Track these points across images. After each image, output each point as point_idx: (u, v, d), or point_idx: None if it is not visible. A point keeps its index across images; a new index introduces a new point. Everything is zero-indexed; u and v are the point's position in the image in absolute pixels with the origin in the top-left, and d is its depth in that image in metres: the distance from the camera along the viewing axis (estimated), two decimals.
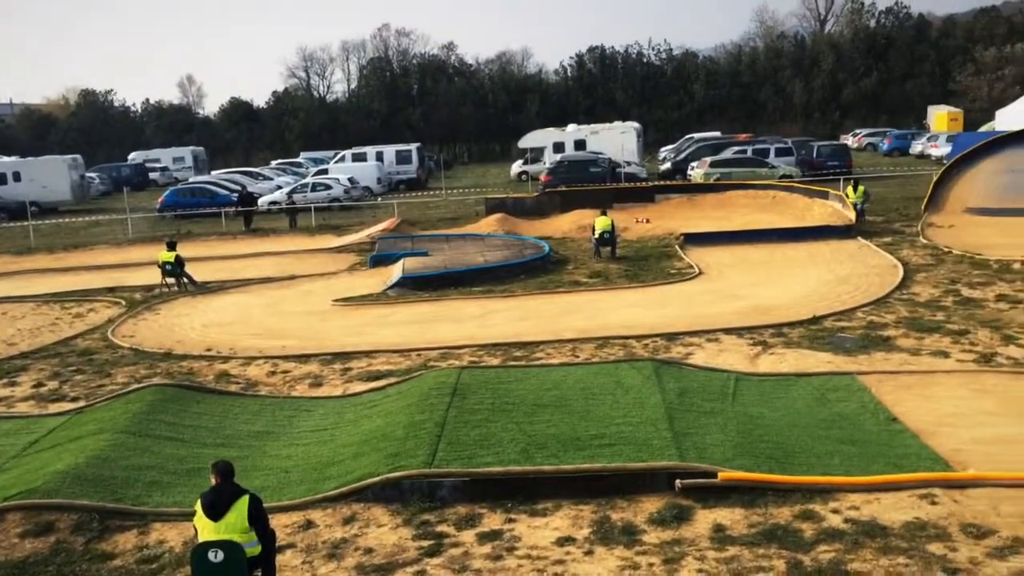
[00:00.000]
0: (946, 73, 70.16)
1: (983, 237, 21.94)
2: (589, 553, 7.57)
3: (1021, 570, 6.72)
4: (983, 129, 44.43)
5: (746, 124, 71.44)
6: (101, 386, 13.51)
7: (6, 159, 50.74)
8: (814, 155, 40.69)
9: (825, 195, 27.35)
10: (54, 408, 12.52)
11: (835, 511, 7.96)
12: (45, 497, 8.72)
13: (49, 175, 46.34)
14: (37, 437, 10.92)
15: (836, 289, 17.54)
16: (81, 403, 12.56)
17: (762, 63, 75.80)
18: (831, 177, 33.91)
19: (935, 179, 27.41)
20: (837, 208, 25.72)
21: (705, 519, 8.02)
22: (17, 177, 46.37)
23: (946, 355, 12.69)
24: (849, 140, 58.47)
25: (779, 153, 39.95)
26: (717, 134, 56.50)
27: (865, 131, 62.13)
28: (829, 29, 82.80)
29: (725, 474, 8.51)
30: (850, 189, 26.35)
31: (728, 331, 14.60)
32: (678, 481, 8.50)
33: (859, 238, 22.74)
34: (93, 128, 78.61)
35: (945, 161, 30.39)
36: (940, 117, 58.29)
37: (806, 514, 7.93)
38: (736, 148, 41.68)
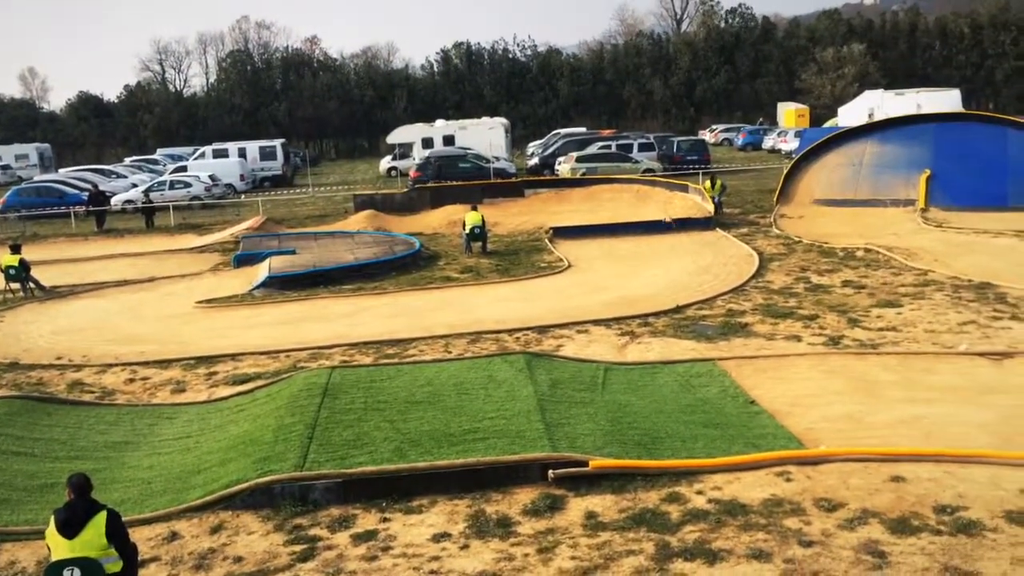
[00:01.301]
0: (791, 72, 74.19)
1: (829, 227, 23.38)
2: (465, 548, 7.61)
3: (869, 539, 7.20)
4: (827, 125, 47.35)
5: (610, 120, 73.43)
6: None
7: None
8: (674, 150, 42.19)
9: (685, 188, 28.43)
10: None
11: (699, 492, 8.30)
12: None
13: None
14: None
15: (698, 279, 18.28)
16: None
17: (623, 61, 77.97)
18: (691, 171, 35.27)
19: (785, 172, 28.98)
20: (697, 201, 26.78)
21: (577, 507, 8.20)
22: None
23: (798, 339, 13.45)
24: (707, 135, 60.98)
25: (642, 148, 41.24)
26: (583, 130, 57.73)
27: (721, 127, 64.91)
28: (685, 28, 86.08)
29: (596, 462, 8.73)
30: (707, 184, 27.46)
31: (597, 322, 14.96)
32: (551, 471, 8.65)
33: (718, 229, 23.77)
34: None
35: (794, 155, 32.15)
36: (789, 113, 61.66)
37: (672, 497, 8.23)
38: (601, 143, 42.71)
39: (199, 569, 7.50)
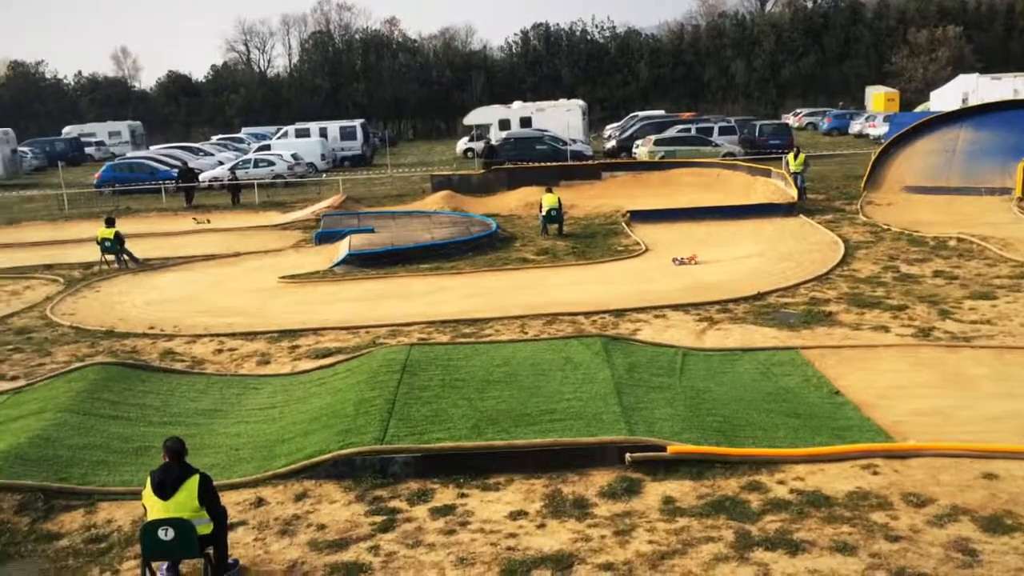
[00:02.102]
0: (881, 54, 71.70)
1: (920, 215, 22.60)
2: (541, 526, 7.66)
3: (959, 536, 6.99)
4: (919, 109, 45.72)
5: (689, 103, 72.27)
6: (41, 364, 13.16)
7: None
8: (756, 134, 41.31)
9: (768, 173, 27.83)
10: None
11: (781, 482, 8.17)
12: None
13: None
14: None
15: (779, 265, 17.92)
16: (21, 382, 12.21)
17: (704, 42, 76.52)
18: (773, 155, 34.50)
19: (873, 158, 28.10)
20: (779, 186, 26.19)
21: (655, 492, 8.16)
22: None
23: (886, 330, 13.07)
24: (790, 119, 59.48)
25: (722, 132, 40.48)
26: (661, 112, 56.96)
27: (805, 111, 63.25)
28: (769, 9, 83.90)
29: (674, 447, 8.67)
30: (791, 156, 26.97)
31: (675, 307, 14.81)
32: (628, 455, 8.63)
33: (801, 216, 23.22)
34: (23, 101, 76.00)
35: (883, 140, 31.13)
36: (877, 97, 59.67)
37: (753, 485, 8.13)
38: (680, 126, 42.08)
39: (284, 535, 7.73)
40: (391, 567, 7.10)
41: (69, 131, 63.18)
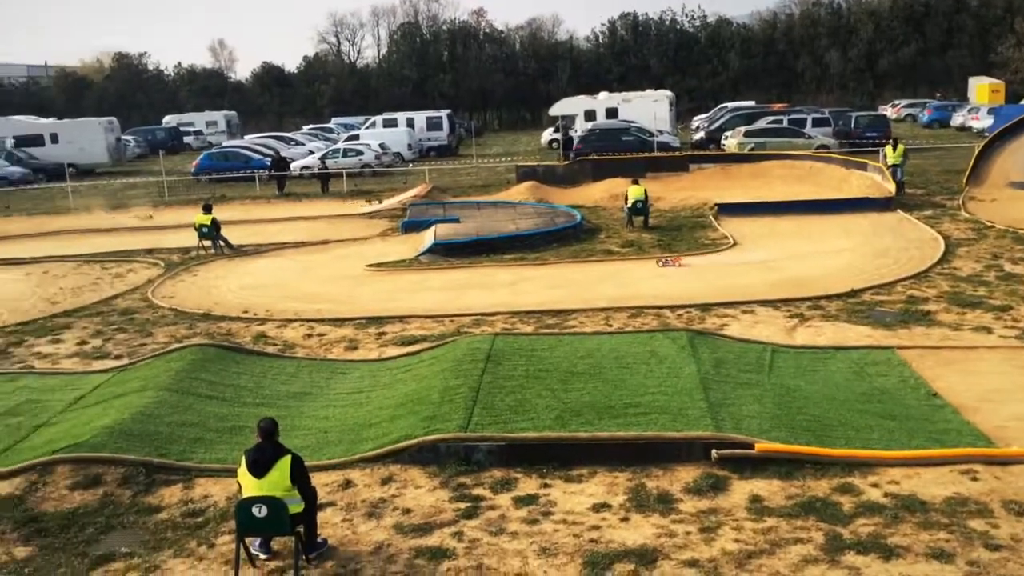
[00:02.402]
0: (986, 44, 68.48)
1: None
2: (625, 520, 7.62)
3: None
4: None
5: (781, 93, 70.45)
6: (143, 345, 13.75)
7: (44, 121, 51.27)
8: (852, 125, 40.04)
9: (864, 166, 26.95)
10: (98, 365, 12.77)
11: (874, 485, 7.94)
12: (92, 451, 8.92)
13: (86, 137, 46.81)
14: (82, 393, 11.14)
15: (875, 262, 17.35)
16: (124, 361, 12.79)
17: (798, 31, 74.42)
18: (869, 148, 33.39)
19: (977, 152, 26.91)
20: (876, 180, 25.34)
21: (742, 490, 8.03)
22: (55, 139, 46.92)
23: (988, 331, 12.53)
24: (888, 110, 57.46)
25: (816, 123, 39.36)
26: (752, 103, 55.75)
27: (904, 102, 61.00)
28: None
29: (762, 445, 8.51)
30: (889, 148, 26.12)
31: (764, 303, 14.51)
32: (714, 451, 8.51)
33: (899, 211, 22.42)
34: (127, 91, 79.14)
35: (987, 134, 29.76)
36: (981, 88, 57.05)
37: (845, 487, 7.91)
38: (771, 118, 41.11)
39: (371, 517, 7.89)
40: (475, 553, 7.18)
41: (169, 120, 65.54)
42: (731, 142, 37.64)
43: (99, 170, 45.49)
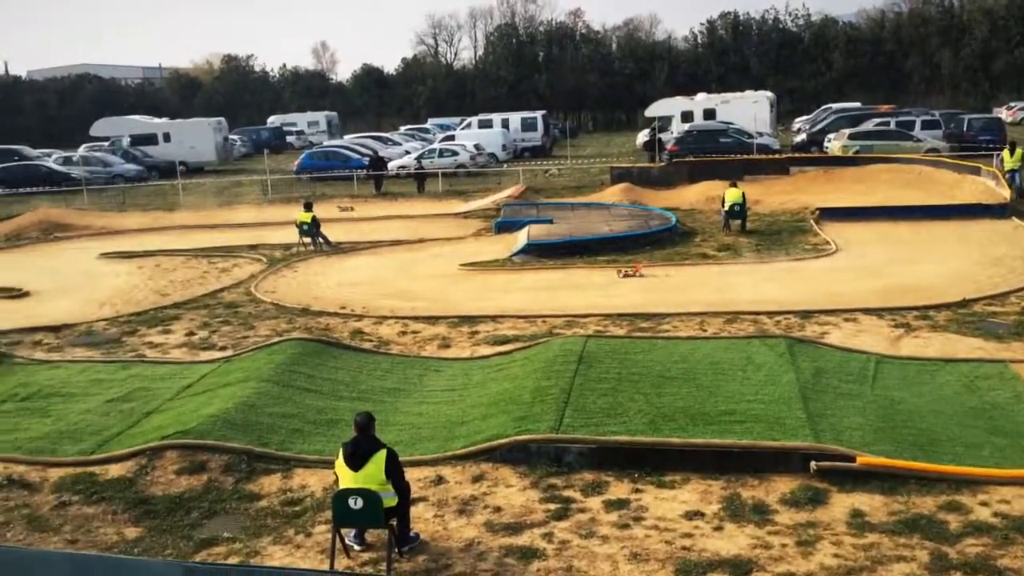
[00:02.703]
0: None
1: None
2: (719, 529, 7.49)
3: None
4: None
5: (888, 95, 67.88)
6: (246, 337, 14.24)
7: (158, 121, 53.65)
8: (964, 128, 38.28)
9: (977, 171, 25.75)
10: (204, 356, 13.29)
11: (984, 504, 7.58)
12: (199, 438, 9.30)
13: (196, 136, 48.78)
14: (190, 382, 11.62)
15: (987, 271, 16.55)
16: (228, 352, 13.28)
17: (907, 30, 71.63)
18: (983, 152, 31.88)
19: None
20: (990, 185, 24.19)
21: (842, 503, 7.78)
22: (167, 138, 49.04)
23: None
24: (1003, 113, 54.73)
25: (925, 126, 37.76)
26: (857, 105, 53.92)
27: (1020, 104, 58.00)
28: None
29: (864, 458, 8.23)
30: (1007, 153, 24.86)
31: (867, 311, 14.01)
32: (813, 463, 8.27)
33: (1014, 218, 21.34)
34: (235, 92, 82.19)
35: None
36: None
37: (952, 505, 7.58)
38: (878, 120, 39.65)
39: (462, 514, 7.98)
40: (564, 555, 7.17)
41: (273, 121, 67.70)
42: (835, 144, 36.50)
43: (207, 168, 47.37)
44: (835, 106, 52.63)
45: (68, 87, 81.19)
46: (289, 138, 63.34)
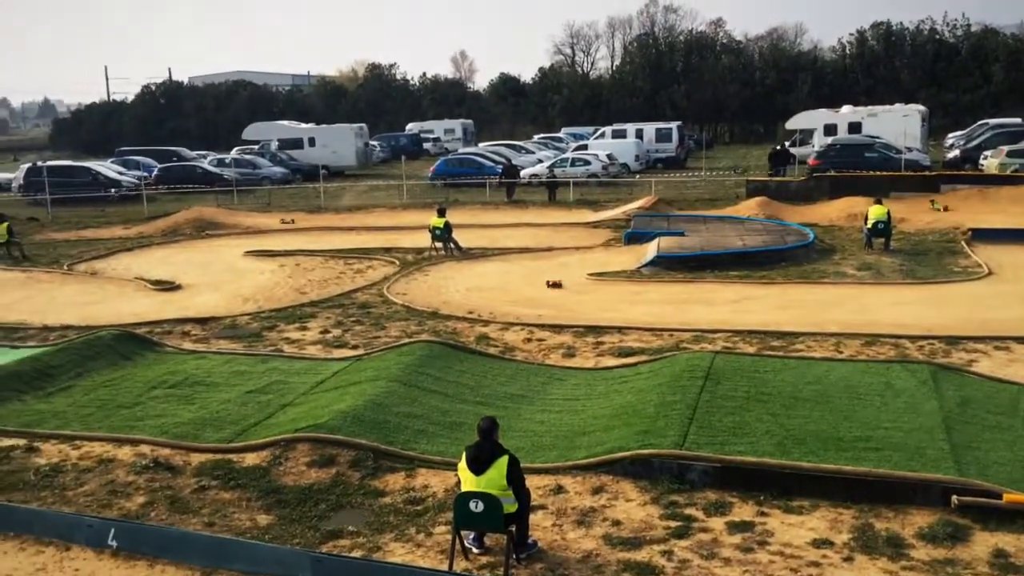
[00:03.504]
0: None
1: None
2: (848, 560, 7.16)
3: None
4: None
5: None
6: (377, 337, 14.68)
7: (304, 126, 56.15)
8: None
9: None
10: (337, 353, 13.79)
11: None
12: (329, 432, 9.65)
13: (338, 141, 50.75)
14: (323, 378, 12.09)
15: None
16: (360, 351, 13.73)
17: None
18: None
19: None
20: None
21: (984, 542, 7.30)
22: (312, 142, 51.25)
23: None
24: None
25: None
26: (1017, 121, 50.50)
27: None
28: None
29: (1011, 496, 7.69)
30: None
31: (1021, 340, 13.11)
32: (955, 497, 7.80)
33: None
34: (377, 99, 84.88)
35: None
36: None
37: None
38: None
39: (580, 524, 7.94)
40: (684, 574, 7.02)
41: (411, 128, 69.57)
42: (991, 162, 34.32)
43: (348, 172, 49.18)
44: (992, 121, 49.47)
45: (224, 93, 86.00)
46: (426, 145, 64.92)
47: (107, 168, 43.62)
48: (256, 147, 52.21)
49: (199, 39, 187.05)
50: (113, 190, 38.60)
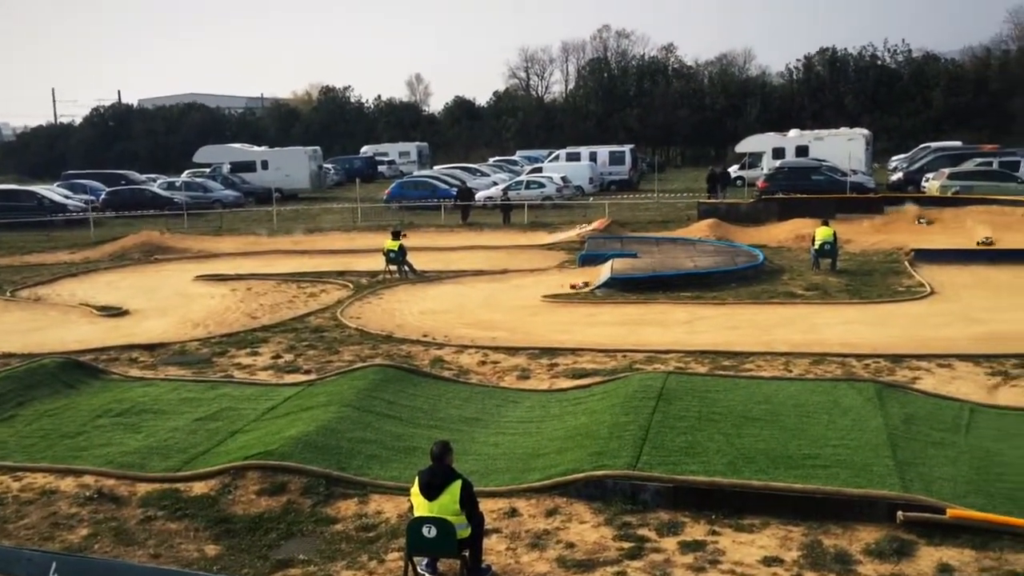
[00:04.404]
0: None
1: None
2: None
3: None
4: None
5: (992, 135, 65.39)
6: (330, 362, 14.55)
7: (257, 149, 55.73)
8: None
9: None
10: (289, 379, 13.63)
11: None
12: (280, 460, 9.50)
13: (292, 164, 50.47)
14: (274, 404, 11.93)
15: None
16: (312, 376, 13.59)
17: (1014, 69, 68.94)
18: None
19: None
20: None
21: (929, 557, 7.45)
22: (265, 165, 50.89)
23: None
24: None
25: None
26: (958, 144, 52.15)
27: None
28: None
29: (955, 511, 7.86)
30: None
31: (963, 357, 13.46)
32: (900, 513, 7.95)
33: None
34: (331, 122, 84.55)
35: None
36: None
37: None
38: (980, 160, 38.28)
39: (534, 547, 7.93)
40: None
41: (366, 150, 69.39)
42: (933, 184, 35.38)
43: (301, 195, 48.85)
44: (934, 145, 51.01)
45: (175, 115, 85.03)
46: (381, 167, 64.81)
47: (53, 192, 42.79)
48: (207, 170, 51.65)
49: (150, 61, 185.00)
50: (59, 215, 37.86)
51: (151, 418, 11.62)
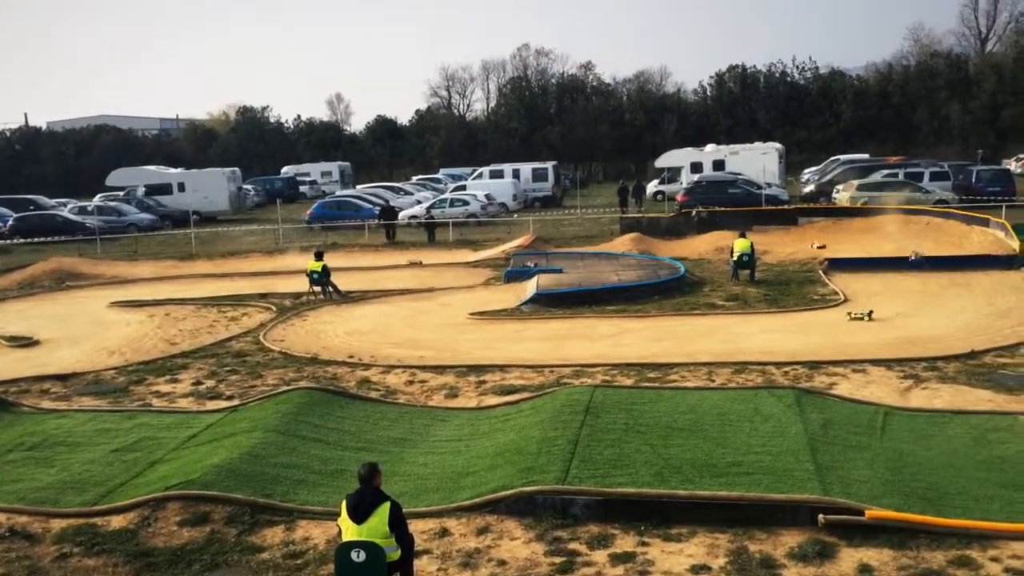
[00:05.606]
0: None
1: None
2: None
3: None
4: None
5: (897, 146, 68.24)
6: (253, 386, 14.24)
7: (173, 171, 54.37)
8: (973, 180, 38.42)
9: (985, 223, 25.78)
10: (211, 405, 13.28)
11: (995, 559, 7.46)
12: (203, 489, 9.24)
13: (210, 186, 49.38)
14: (196, 432, 11.59)
15: (997, 323, 16.48)
16: (235, 402, 13.26)
17: (915, 83, 72.19)
18: (992, 204, 31.93)
19: None
20: (999, 236, 24.18)
21: (850, 558, 7.67)
22: (182, 187, 49.67)
23: None
24: (1012, 165, 54.90)
25: (934, 177, 37.97)
26: (865, 156, 54.27)
27: None
28: (991, 48, 78.16)
29: (873, 512, 8.12)
30: None
31: (876, 362, 13.94)
32: (821, 516, 8.17)
33: None
34: (250, 142, 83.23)
35: None
36: None
37: (962, 560, 7.46)
38: (886, 171, 39.91)
39: (466, 567, 7.88)
40: None
41: (287, 171, 68.48)
42: (843, 195, 36.70)
43: (221, 217, 47.83)
44: (843, 157, 52.97)
45: (86, 138, 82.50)
46: (302, 188, 63.99)
47: None
48: (121, 194, 50.17)
49: (58, 83, 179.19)
50: None
51: (65, 451, 11.17)
